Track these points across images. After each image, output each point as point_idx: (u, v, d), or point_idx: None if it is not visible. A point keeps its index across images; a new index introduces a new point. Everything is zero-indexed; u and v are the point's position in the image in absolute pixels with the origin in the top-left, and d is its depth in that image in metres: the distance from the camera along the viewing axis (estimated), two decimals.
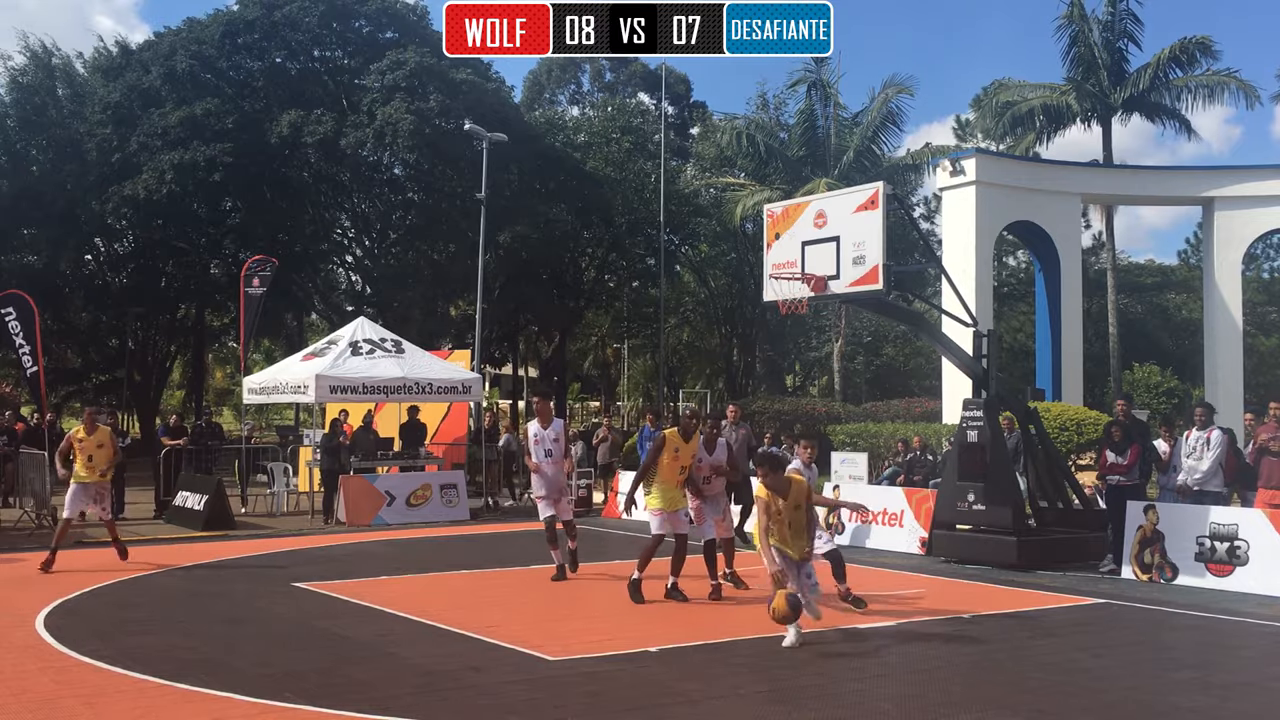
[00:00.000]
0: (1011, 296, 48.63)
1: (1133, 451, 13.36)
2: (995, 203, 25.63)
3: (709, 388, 53.02)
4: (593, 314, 48.95)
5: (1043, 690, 7.57)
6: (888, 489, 16.87)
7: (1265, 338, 49.37)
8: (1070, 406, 23.93)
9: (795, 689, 7.56)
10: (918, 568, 13.69)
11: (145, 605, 10.82)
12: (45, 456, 18.02)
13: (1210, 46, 31.54)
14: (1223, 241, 27.01)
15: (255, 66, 36.05)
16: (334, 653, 8.66)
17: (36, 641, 9.01)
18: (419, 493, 19.35)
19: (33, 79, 35.17)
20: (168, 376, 47.70)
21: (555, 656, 8.41)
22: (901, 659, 8.62)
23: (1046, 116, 33.67)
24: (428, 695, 7.35)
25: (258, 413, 51.41)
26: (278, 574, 12.77)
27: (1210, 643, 9.43)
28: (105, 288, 38.05)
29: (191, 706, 7.08)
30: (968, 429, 13.92)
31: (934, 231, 39.70)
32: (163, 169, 31.87)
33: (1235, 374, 26.80)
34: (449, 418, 23.60)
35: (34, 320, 19.02)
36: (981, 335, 14.47)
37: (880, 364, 48.12)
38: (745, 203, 34.53)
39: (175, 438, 20.75)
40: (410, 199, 37.73)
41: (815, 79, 34.52)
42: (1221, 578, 11.99)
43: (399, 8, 37.39)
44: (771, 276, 13.75)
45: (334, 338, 21.20)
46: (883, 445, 23.40)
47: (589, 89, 53.84)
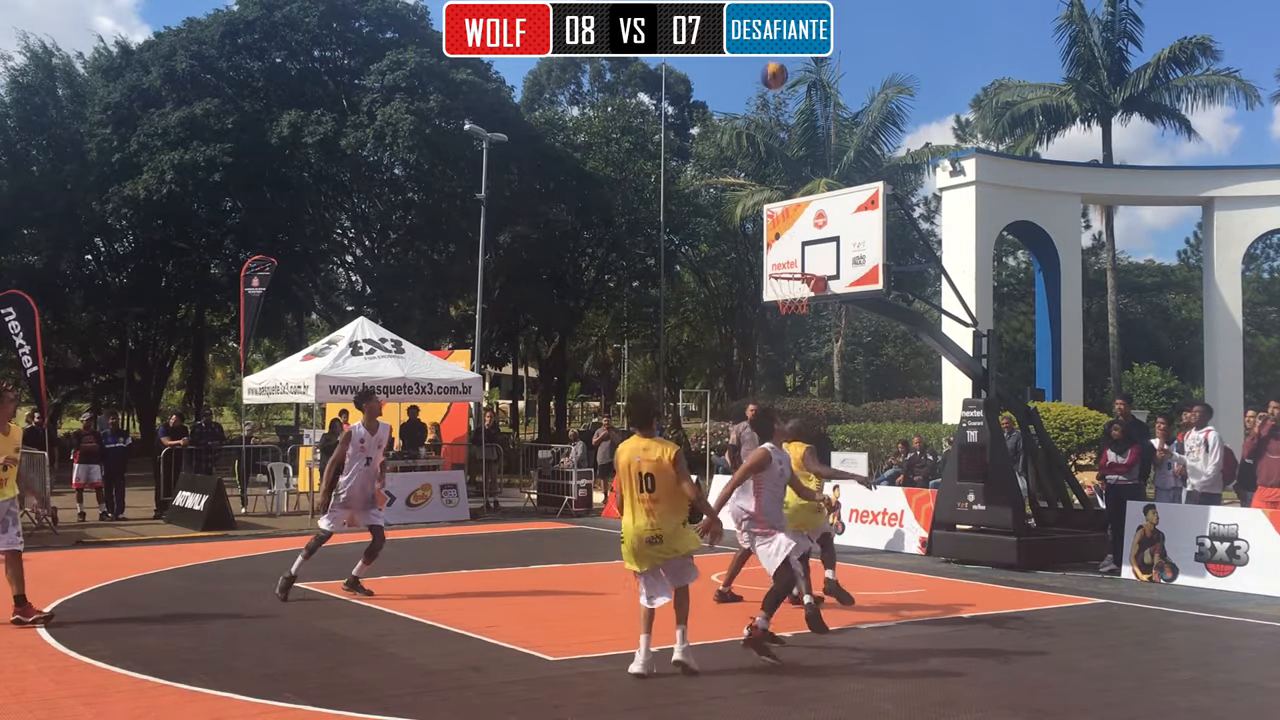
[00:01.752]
0: (1011, 296, 48.62)
1: (1132, 452, 13.37)
2: (995, 203, 25.63)
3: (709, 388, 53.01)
4: (593, 314, 48.94)
5: (1043, 690, 7.57)
6: (888, 489, 16.88)
7: (1265, 338, 49.36)
8: (1070, 406, 23.94)
9: (795, 689, 7.56)
10: (918, 568, 13.69)
11: (145, 605, 10.81)
12: (45, 456, 18.04)
13: (1210, 46, 31.55)
14: (1223, 241, 27.01)
15: (255, 66, 36.05)
16: (334, 653, 8.66)
17: (36, 641, 9.01)
18: (419, 493, 19.35)
19: (33, 79, 35.17)
20: (168, 376, 47.70)
21: (555, 656, 8.41)
22: (901, 659, 8.62)
23: (1046, 117, 33.66)
24: (428, 695, 7.35)
25: (258, 413, 51.39)
26: (278, 574, 12.75)
27: (1210, 643, 9.43)
28: (105, 288, 38.04)
29: (191, 706, 7.08)
30: (968, 429, 13.93)
31: (934, 231, 39.69)
32: (163, 169, 31.88)
33: (1235, 374, 26.80)
34: (449, 418, 23.61)
35: (34, 320, 19.03)
36: (981, 335, 14.48)
37: (880, 364, 48.10)
38: (745, 203, 34.51)
39: (175, 438, 20.75)
40: (410, 199, 37.73)
41: (815, 79, 34.50)
42: (1221, 578, 11.99)
43: (399, 8, 37.40)
44: (771, 276, 13.75)
45: (334, 338, 21.20)
46: (883, 445, 23.39)
47: (589, 89, 53.81)
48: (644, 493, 7.81)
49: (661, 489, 7.77)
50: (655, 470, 7.78)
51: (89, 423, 20.36)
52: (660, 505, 7.78)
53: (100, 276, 38.62)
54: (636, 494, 7.85)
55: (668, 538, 7.81)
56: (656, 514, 7.77)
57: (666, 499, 7.78)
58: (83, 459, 19.17)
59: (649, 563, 7.87)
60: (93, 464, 19.15)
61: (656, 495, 7.78)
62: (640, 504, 7.83)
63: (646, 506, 7.80)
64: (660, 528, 7.78)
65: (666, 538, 7.80)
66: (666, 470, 7.76)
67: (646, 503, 7.80)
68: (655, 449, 7.83)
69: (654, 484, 7.78)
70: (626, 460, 7.93)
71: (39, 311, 19.67)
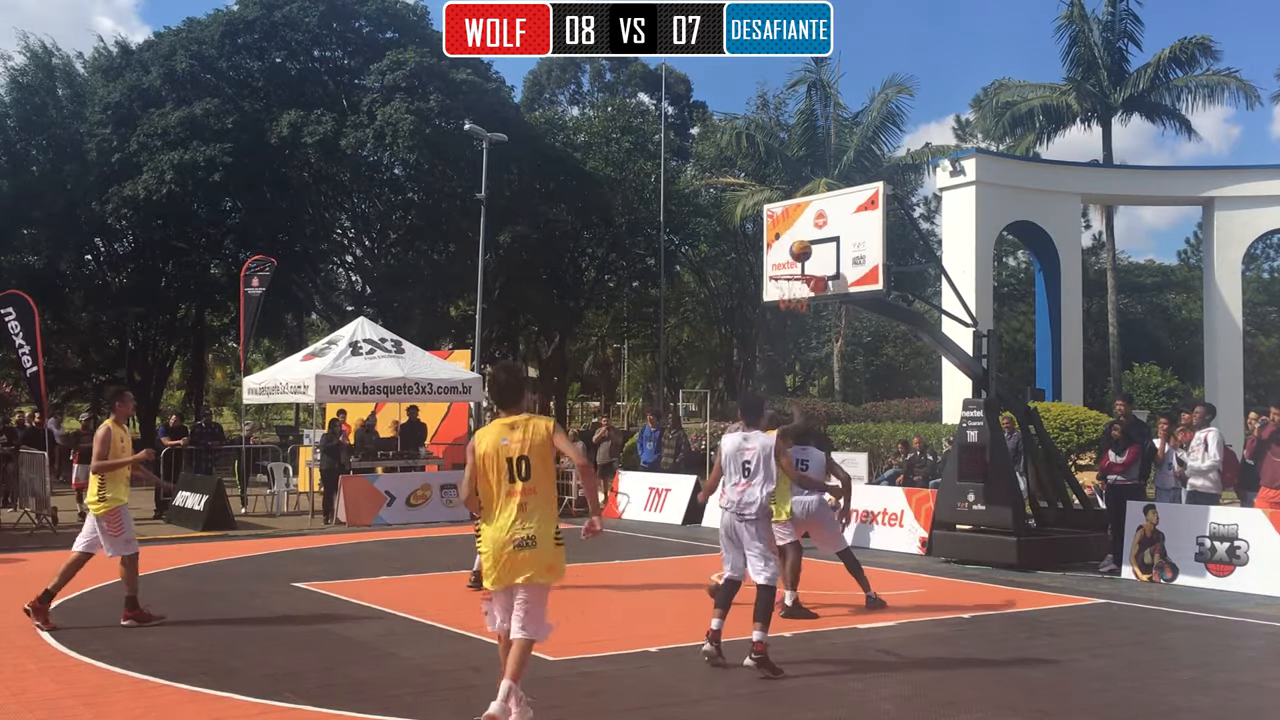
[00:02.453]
0: (1011, 296, 48.63)
1: (1131, 451, 13.36)
2: (995, 203, 25.63)
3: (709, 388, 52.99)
4: (593, 314, 48.94)
5: (1043, 690, 7.57)
6: (888, 489, 16.87)
7: (1265, 338, 49.36)
8: (1070, 406, 23.94)
9: (795, 689, 7.56)
10: (918, 568, 13.69)
11: (145, 605, 10.79)
12: (45, 457, 18.05)
13: (1210, 47, 31.59)
14: (1223, 241, 27.02)
15: (255, 66, 36.05)
16: (334, 653, 8.65)
17: (36, 641, 9.01)
18: (419, 493, 19.36)
19: (33, 79, 35.15)
20: (168, 376, 47.63)
21: (555, 656, 8.41)
22: (901, 659, 8.62)
23: (1046, 116, 33.68)
24: (428, 695, 7.35)
25: (258, 413, 51.42)
26: (278, 574, 12.76)
27: (1210, 643, 9.43)
28: (105, 288, 38.02)
29: (191, 706, 7.08)
30: (968, 429, 13.92)
31: (934, 231, 39.69)
32: (163, 169, 31.87)
33: (1235, 374, 26.81)
34: (449, 418, 23.61)
35: (34, 320, 19.03)
36: (981, 335, 14.48)
37: (880, 364, 48.11)
38: (745, 203, 34.53)
39: (175, 438, 20.76)
40: (410, 199, 37.73)
41: (815, 79, 34.53)
42: (1221, 578, 11.99)
43: (399, 8, 37.39)
44: (771, 277, 13.75)
45: (334, 338, 21.20)
46: (883, 445, 23.39)
47: (589, 89, 53.80)
48: (515, 481, 6.20)
49: (538, 475, 6.24)
50: (529, 451, 6.19)
51: (88, 423, 20.37)
52: (537, 496, 6.22)
53: (100, 276, 38.59)
54: (506, 484, 6.22)
55: (541, 542, 6.22)
56: (530, 508, 6.20)
57: (544, 488, 6.28)
58: (82, 459, 19.18)
59: (513, 576, 6.22)
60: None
61: (533, 484, 6.20)
62: (510, 498, 6.21)
63: (519, 500, 6.19)
64: (534, 527, 6.19)
65: (540, 542, 6.22)
66: (543, 448, 6.21)
67: (519, 494, 6.19)
68: (523, 426, 6.26)
69: (528, 469, 6.20)
70: (485, 449, 6.29)
71: (39, 311, 19.67)
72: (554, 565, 6.26)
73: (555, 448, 6.28)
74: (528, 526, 6.17)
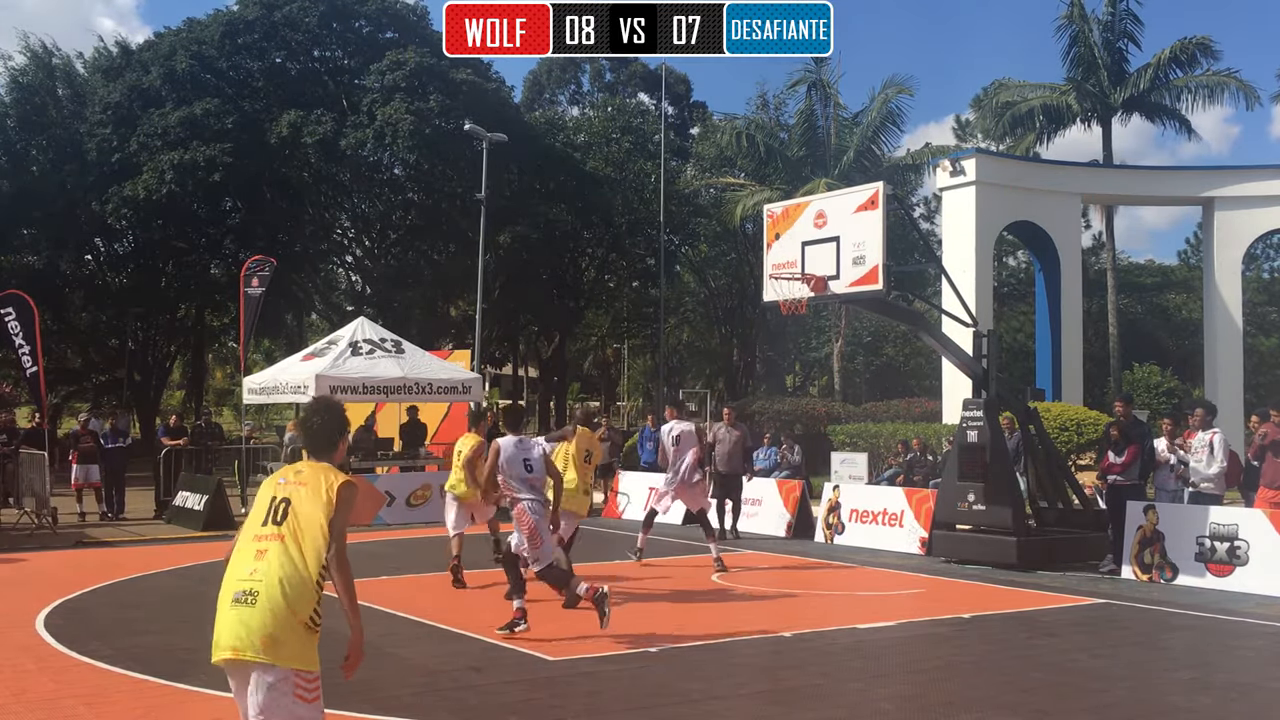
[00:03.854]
0: (1011, 296, 48.62)
1: (1130, 451, 13.36)
2: (995, 203, 25.62)
3: (709, 388, 53.05)
4: (593, 314, 48.97)
5: (1043, 690, 7.57)
6: (888, 489, 16.86)
7: (1265, 338, 49.33)
8: (1070, 406, 23.92)
9: (795, 689, 7.56)
10: (918, 568, 13.69)
11: (145, 605, 10.81)
12: (45, 457, 18.04)
13: (1210, 47, 31.57)
14: (1223, 241, 27.00)
15: (255, 66, 36.09)
16: (334, 653, 8.62)
17: (36, 641, 9.00)
18: (419, 493, 19.35)
19: (33, 79, 35.21)
20: (168, 376, 47.69)
21: (555, 656, 8.41)
22: (901, 659, 8.62)
23: (1046, 116, 33.66)
24: (428, 695, 7.35)
25: (258, 413, 51.36)
26: None
27: (1210, 643, 9.43)
28: (105, 288, 38.05)
29: (191, 706, 7.08)
30: (968, 429, 13.92)
31: (934, 231, 39.69)
32: (163, 169, 31.90)
33: (1235, 374, 26.78)
34: (449, 418, 23.60)
35: (34, 320, 19.02)
36: (981, 335, 14.47)
37: (880, 364, 48.11)
38: (745, 203, 34.51)
39: (175, 438, 20.75)
40: (410, 199, 37.76)
41: (815, 79, 34.49)
42: (1221, 578, 11.98)
43: (399, 8, 37.42)
44: (771, 276, 13.74)
45: (334, 338, 21.19)
46: (883, 445, 23.39)
47: (589, 89, 53.86)
48: (267, 525, 4.65)
49: (296, 523, 4.60)
50: (295, 497, 4.64)
51: (85, 423, 20.40)
52: (283, 544, 4.57)
53: (100, 276, 38.63)
54: (257, 529, 4.68)
55: (265, 604, 4.51)
56: (269, 557, 4.56)
57: (294, 541, 4.57)
58: (80, 459, 19.20)
59: (232, 651, 4.55)
60: (91, 464, 19.19)
61: (283, 530, 4.60)
62: (252, 543, 4.67)
63: (259, 546, 4.62)
64: (261, 579, 4.53)
65: (264, 603, 4.50)
66: (314, 500, 4.61)
67: (263, 540, 4.62)
68: (311, 474, 4.70)
69: (285, 513, 4.62)
70: (265, 491, 4.78)
71: (39, 311, 19.66)
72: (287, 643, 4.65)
73: (331, 507, 4.64)
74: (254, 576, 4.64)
